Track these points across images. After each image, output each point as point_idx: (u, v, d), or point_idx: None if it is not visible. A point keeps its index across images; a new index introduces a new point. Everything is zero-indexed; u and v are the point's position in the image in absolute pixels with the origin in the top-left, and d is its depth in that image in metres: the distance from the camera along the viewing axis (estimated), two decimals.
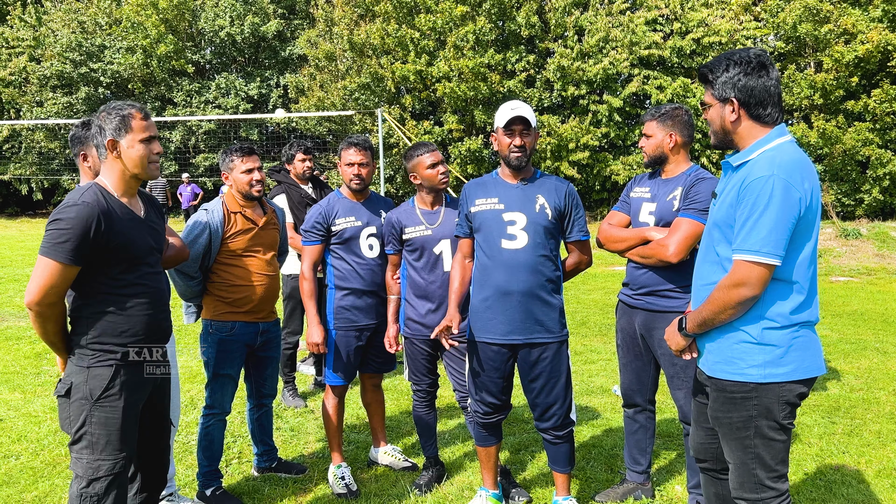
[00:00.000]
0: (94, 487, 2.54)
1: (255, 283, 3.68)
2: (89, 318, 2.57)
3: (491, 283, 3.25)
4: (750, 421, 2.36)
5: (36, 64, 24.71)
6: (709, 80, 2.44)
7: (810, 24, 17.04)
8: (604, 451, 4.37)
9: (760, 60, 2.35)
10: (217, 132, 24.26)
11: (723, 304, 2.33)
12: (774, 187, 2.21)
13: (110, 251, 2.53)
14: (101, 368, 2.56)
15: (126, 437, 2.60)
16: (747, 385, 2.34)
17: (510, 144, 3.23)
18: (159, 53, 23.33)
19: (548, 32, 20.30)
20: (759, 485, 2.39)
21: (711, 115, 2.46)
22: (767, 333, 2.32)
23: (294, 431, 4.83)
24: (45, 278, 2.45)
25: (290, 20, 26.33)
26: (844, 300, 9.66)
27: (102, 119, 2.61)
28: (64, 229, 2.43)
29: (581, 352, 6.81)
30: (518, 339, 3.26)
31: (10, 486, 3.92)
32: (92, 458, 2.54)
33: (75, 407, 2.55)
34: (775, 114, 2.37)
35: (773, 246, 2.22)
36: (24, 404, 5.31)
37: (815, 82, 17.07)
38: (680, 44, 18.85)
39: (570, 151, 19.25)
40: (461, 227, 3.41)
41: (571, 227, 3.37)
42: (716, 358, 2.44)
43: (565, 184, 3.38)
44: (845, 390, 5.52)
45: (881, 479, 3.88)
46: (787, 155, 2.29)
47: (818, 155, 17.60)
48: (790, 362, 2.32)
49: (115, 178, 2.63)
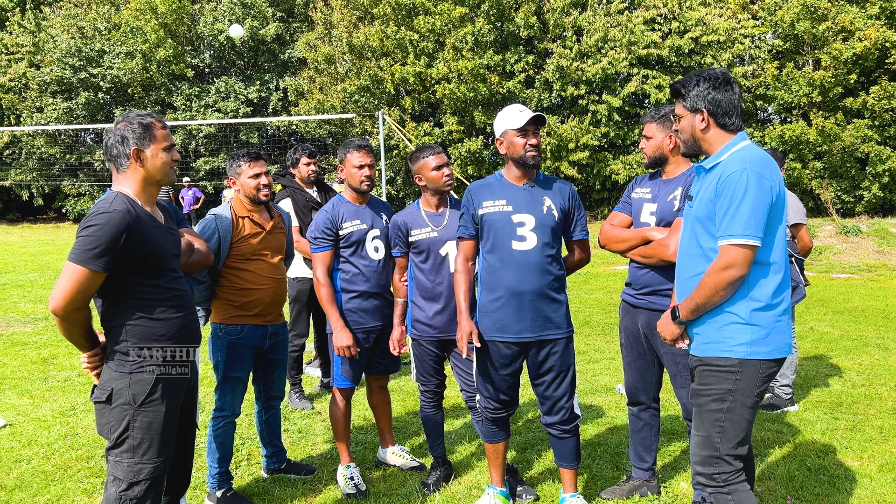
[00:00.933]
0: (134, 491, 2.58)
1: (263, 286, 3.73)
2: (125, 325, 2.60)
3: (502, 284, 3.30)
4: (727, 394, 2.60)
5: (35, 70, 24.76)
6: (681, 93, 2.74)
7: (808, 21, 17.09)
8: (609, 448, 4.41)
9: (726, 77, 2.67)
10: (217, 136, 24.30)
11: (714, 288, 2.56)
12: (749, 178, 2.50)
13: (140, 258, 2.57)
14: (142, 374, 2.60)
15: (166, 440, 2.65)
16: (733, 360, 2.59)
17: (526, 144, 3.29)
18: (159, 58, 23.37)
19: (546, 33, 20.34)
20: (718, 459, 2.62)
21: (683, 125, 2.77)
22: (755, 314, 2.57)
23: (302, 433, 4.87)
24: (72, 284, 2.46)
25: (289, 23, 26.37)
26: (845, 297, 9.71)
27: (124, 129, 2.66)
28: (96, 236, 2.45)
29: (585, 351, 6.85)
30: (530, 336, 3.32)
31: (23, 490, 3.97)
32: (133, 462, 2.58)
33: (117, 412, 2.58)
34: (738, 122, 2.69)
35: (753, 228, 2.50)
36: (32, 409, 5.35)
37: (813, 80, 17.11)
38: (678, 43, 18.89)
39: (569, 151, 19.29)
40: (466, 229, 3.44)
41: (574, 226, 3.47)
42: (706, 340, 2.67)
43: (568, 185, 3.47)
44: (847, 386, 5.56)
45: (884, 474, 3.92)
46: (754, 152, 2.60)
47: (817, 152, 17.64)
48: (772, 342, 2.59)
49: (138, 187, 2.67)
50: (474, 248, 3.46)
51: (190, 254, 3.36)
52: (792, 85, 17.62)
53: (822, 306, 9.01)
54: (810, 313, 8.53)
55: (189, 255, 3.35)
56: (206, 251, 3.41)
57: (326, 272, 3.84)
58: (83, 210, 24.97)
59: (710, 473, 2.64)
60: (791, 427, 4.71)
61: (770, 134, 17.98)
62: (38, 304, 9.92)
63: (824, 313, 8.55)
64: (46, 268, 13.90)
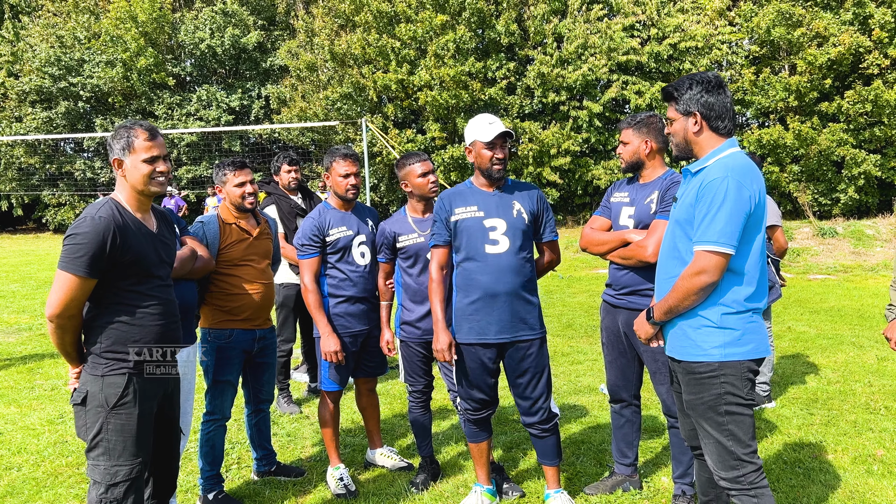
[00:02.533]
0: (113, 493, 2.62)
1: (251, 291, 3.81)
2: (102, 327, 2.66)
3: (478, 287, 3.41)
4: (720, 399, 2.63)
5: (14, 79, 24.58)
6: (674, 97, 2.77)
7: (783, 27, 17.40)
8: (592, 446, 4.52)
9: (718, 81, 2.70)
10: (199, 144, 24.23)
11: (686, 292, 2.62)
12: (729, 187, 2.54)
13: (124, 264, 2.62)
14: (115, 377, 2.64)
15: (141, 442, 2.69)
16: (712, 364, 2.63)
17: (492, 157, 3.40)
18: (139, 66, 23.28)
19: (527, 40, 20.53)
20: (737, 460, 2.64)
21: (675, 128, 2.79)
22: (725, 318, 2.63)
23: (291, 437, 4.93)
24: (64, 291, 2.54)
25: (271, 31, 26.38)
26: (822, 297, 9.91)
27: (111, 138, 2.74)
28: (80, 244, 2.52)
29: (568, 353, 6.96)
30: (506, 337, 3.44)
31: (14, 497, 4.00)
32: (109, 465, 2.63)
33: (91, 415, 2.64)
34: (730, 126, 2.72)
35: (728, 237, 2.54)
36: (20, 417, 5.37)
37: (789, 85, 17.42)
38: (657, 49, 19.15)
39: (551, 157, 19.47)
40: (439, 236, 3.53)
41: (544, 228, 3.59)
42: (682, 343, 2.73)
43: (535, 189, 3.60)
44: (823, 383, 5.71)
45: (857, 466, 4.06)
46: (738, 161, 2.63)
47: (794, 156, 17.94)
48: (748, 342, 2.63)
49: (127, 195, 2.75)
50: (447, 255, 3.56)
51: (194, 261, 3.43)
52: (769, 90, 17.92)
53: (800, 306, 9.20)
54: (788, 313, 8.71)
55: (193, 262, 3.42)
56: (208, 257, 3.50)
57: (314, 278, 3.91)
58: (64, 220, 24.78)
59: (734, 477, 2.63)
60: (768, 423, 4.84)
61: (748, 138, 18.25)
62: (21, 314, 9.88)
63: (801, 313, 8.74)
64: (28, 278, 13.81)
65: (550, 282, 11.84)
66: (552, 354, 6.81)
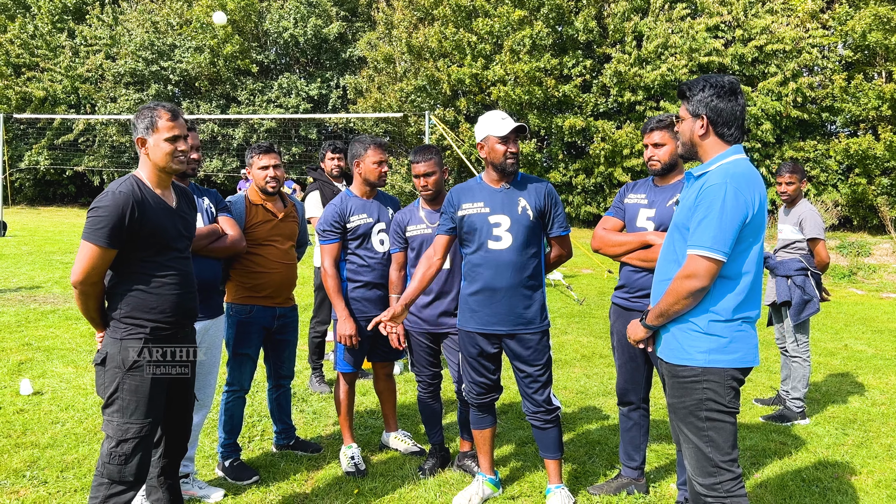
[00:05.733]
0: (123, 448, 2.80)
1: (272, 270, 3.97)
2: (123, 294, 2.84)
3: (480, 280, 3.48)
4: (701, 404, 2.60)
5: (111, 62, 25.96)
6: (686, 96, 2.74)
7: (880, 32, 16.52)
8: (607, 448, 4.48)
9: (732, 87, 2.65)
10: (278, 130, 24.99)
11: (676, 295, 2.60)
12: (726, 193, 2.51)
13: (142, 236, 2.80)
14: (132, 341, 2.82)
15: (153, 404, 2.86)
16: (695, 369, 2.60)
17: (506, 152, 3.44)
18: (225, 53, 24.19)
19: (606, 38, 20.21)
20: (715, 467, 2.61)
21: (683, 127, 2.77)
22: (713, 325, 2.59)
23: (316, 414, 5.10)
24: (86, 260, 2.73)
25: (352, 22, 26.91)
26: (890, 317, 9.41)
27: (135, 119, 2.91)
28: (102, 216, 2.71)
29: (606, 355, 6.87)
30: (503, 330, 3.48)
31: (54, 449, 4.30)
32: (122, 421, 2.80)
33: (109, 374, 2.82)
34: (737, 134, 2.68)
35: (721, 244, 2.51)
36: (75, 377, 5.74)
37: (883, 93, 16.52)
38: (741, 51, 18.49)
39: (624, 157, 19.15)
40: (443, 226, 3.62)
41: (552, 223, 3.58)
42: (670, 345, 2.71)
43: (544, 184, 3.59)
44: (866, 404, 5.46)
45: (879, 490, 3.89)
46: (739, 168, 2.59)
47: (885, 168, 17.03)
48: (734, 351, 2.60)
49: (149, 172, 2.92)
50: (446, 245, 3.63)
51: (214, 239, 3.60)
52: (860, 98, 17.04)
53: (864, 324, 8.77)
54: (848, 331, 8.33)
55: (212, 240, 3.59)
56: (237, 238, 3.64)
57: (334, 263, 4.04)
58: None
59: (711, 484, 2.61)
60: (797, 439, 4.68)
61: (835, 147, 17.45)
62: None
63: (863, 331, 8.33)
64: None
65: (605, 283, 11.69)
66: (590, 356, 6.76)
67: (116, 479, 2.77)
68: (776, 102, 17.83)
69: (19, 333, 7.16)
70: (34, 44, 26.89)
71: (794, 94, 17.80)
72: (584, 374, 6.15)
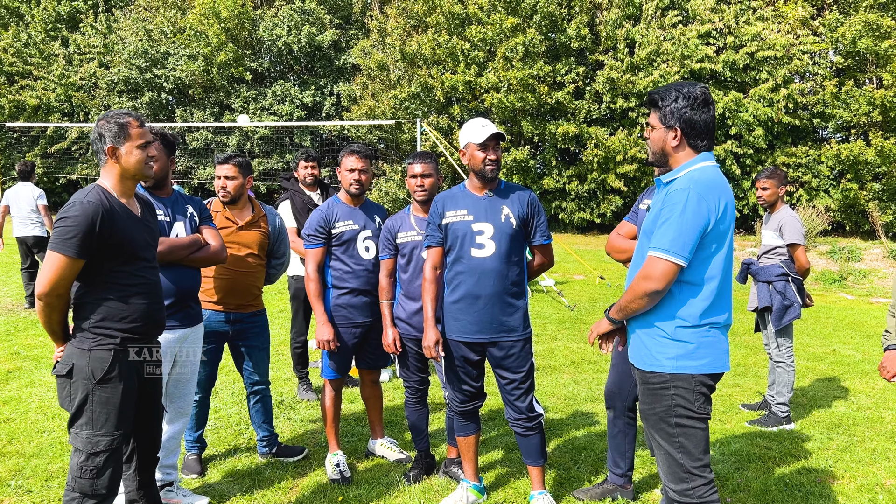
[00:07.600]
0: (94, 461, 2.76)
1: (221, 275, 4.04)
2: (92, 304, 2.81)
3: (462, 287, 3.50)
4: (671, 410, 2.61)
5: (105, 69, 25.95)
6: (658, 105, 2.70)
7: (870, 39, 16.63)
8: (592, 453, 4.49)
9: (705, 97, 2.64)
10: (272, 138, 24.99)
11: (633, 294, 2.63)
12: (689, 199, 2.52)
13: (112, 246, 2.77)
14: (101, 352, 2.78)
15: (123, 416, 2.83)
16: (664, 375, 2.61)
17: (485, 159, 3.46)
18: (219, 61, 24.18)
19: (598, 45, 20.31)
20: (687, 473, 2.61)
21: (654, 136, 2.74)
22: (680, 331, 2.60)
23: (304, 421, 5.10)
24: (54, 271, 2.69)
25: (346, 30, 26.95)
26: (879, 322, 9.44)
27: (101, 127, 2.86)
28: (71, 226, 2.67)
29: (596, 361, 6.89)
30: (485, 337, 3.49)
31: (39, 458, 4.29)
32: (91, 434, 2.76)
33: (76, 386, 2.76)
34: (709, 143, 2.69)
35: (679, 248, 2.51)
36: None
37: (874, 99, 16.62)
38: (733, 58, 18.59)
39: (617, 164, 19.21)
40: (432, 238, 3.62)
41: (534, 232, 3.59)
42: (640, 351, 2.72)
43: (528, 192, 3.60)
44: (852, 409, 5.48)
45: (861, 494, 3.90)
46: (705, 174, 2.60)
47: (876, 173, 17.11)
48: (702, 357, 2.59)
49: (114, 181, 2.88)
50: (441, 255, 3.63)
51: (196, 249, 3.61)
52: (851, 104, 17.14)
53: (853, 329, 8.80)
54: (837, 335, 8.36)
55: (193, 250, 3.60)
56: (216, 249, 3.65)
57: (317, 268, 4.06)
58: None
59: (683, 490, 2.62)
60: (781, 444, 4.70)
61: (826, 153, 17.54)
62: None
63: (852, 336, 8.36)
64: None
65: (596, 289, 11.71)
66: (579, 362, 6.77)
67: (89, 493, 2.75)
68: (768, 108, 17.94)
69: (8, 342, 7.15)
70: (27, 52, 26.85)
71: (786, 100, 17.92)
72: (572, 379, 6.16)
